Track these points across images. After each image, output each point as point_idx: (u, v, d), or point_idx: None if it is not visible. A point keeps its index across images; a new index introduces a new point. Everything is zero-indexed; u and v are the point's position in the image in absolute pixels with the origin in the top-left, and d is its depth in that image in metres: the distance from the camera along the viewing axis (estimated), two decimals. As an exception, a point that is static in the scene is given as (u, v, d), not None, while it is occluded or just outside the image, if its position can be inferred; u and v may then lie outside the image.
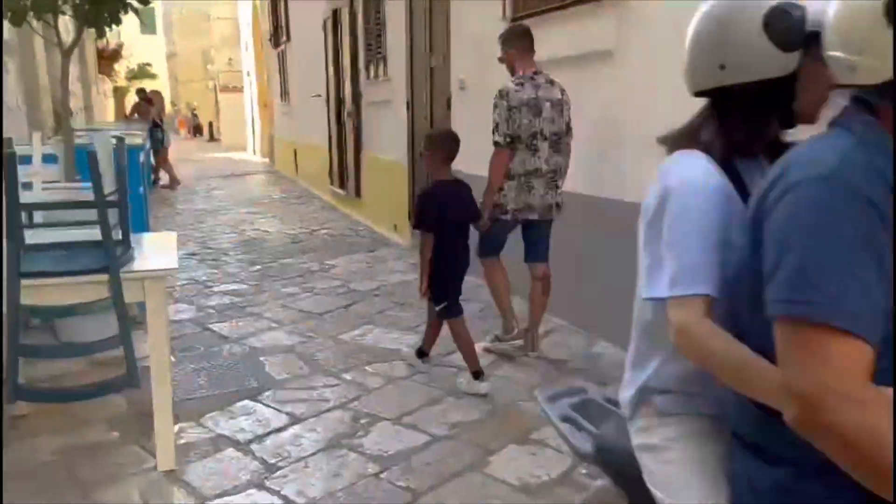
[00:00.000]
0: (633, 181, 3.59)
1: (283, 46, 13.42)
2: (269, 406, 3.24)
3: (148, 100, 12.19)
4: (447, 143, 3.41)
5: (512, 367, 3.66)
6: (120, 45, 13.77)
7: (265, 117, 17.56)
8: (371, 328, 4.31)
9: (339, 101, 9.11)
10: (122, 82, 14.45)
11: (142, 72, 16.32)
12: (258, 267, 6.10)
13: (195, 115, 33.99)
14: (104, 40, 13.27)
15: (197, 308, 4.86)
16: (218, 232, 7.95)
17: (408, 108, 6.57)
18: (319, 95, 10.21)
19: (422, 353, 3.66)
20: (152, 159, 12.30)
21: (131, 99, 15.84)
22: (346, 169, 9.04)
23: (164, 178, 12.61)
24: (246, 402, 3.29)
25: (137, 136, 6.64)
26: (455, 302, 3.42)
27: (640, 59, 3.49)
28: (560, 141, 3.60)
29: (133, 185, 4.57)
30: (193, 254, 6.73)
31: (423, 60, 6.11)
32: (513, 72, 3.66)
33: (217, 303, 4.98)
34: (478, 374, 3.33)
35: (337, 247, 6.94)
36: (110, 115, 13.40)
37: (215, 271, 5.99)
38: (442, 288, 3.38)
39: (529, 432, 2.92)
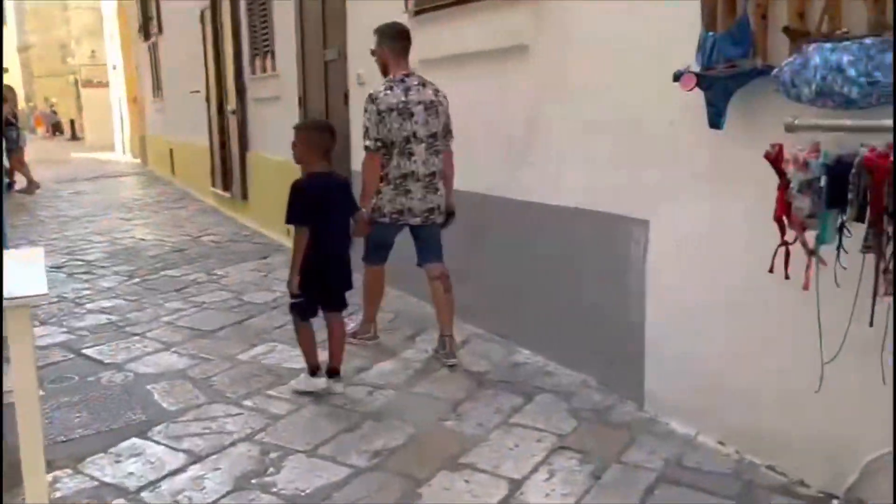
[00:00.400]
0: (552, 182, 3.45)
1: (154, 39, 12.52)
2: (161, 444, 2.83)
3: (-1, 95, 10.97)
4: (320, 134, 3.25)
5: (429, 383, 3.41)
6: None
7: (135, 114, 16.39)
8: (273, 345, 3.94)
9: (222, 98, 8.53)
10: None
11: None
12: (137, 280, 5.54)
13: (54, 113, 31.44)
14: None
15: (67, 330, 4.29)
16: (87, 241, 7.21)
17: (300, 104, 6.18)
18: (198, 91, 9.55)
19: (331, 373, 3.32)
20: (6, 161, 11.13)
21: None
22: (230, 170, 8.48)
23: (20, 181, 11.40)
24: (133, 440, 2.86)
25: None
26: (314, 304, 3.24)
27: (558, 55, 3.34)
28: (436, 143, 3.55)
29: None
30: (59, 267, 6.04)
31: (316, 54, 5.75)
32: (385, 71, 3.63)
33: (91, 323, 4.43)
34: (314, 371, 3.29)
35: (225, 254, 6.45)
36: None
37: (87, 286, 5.37)
38: (307, 287, 3.16)
39: (459, 455, 2.69)
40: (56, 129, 31.05)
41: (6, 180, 11.32)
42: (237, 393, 3.32)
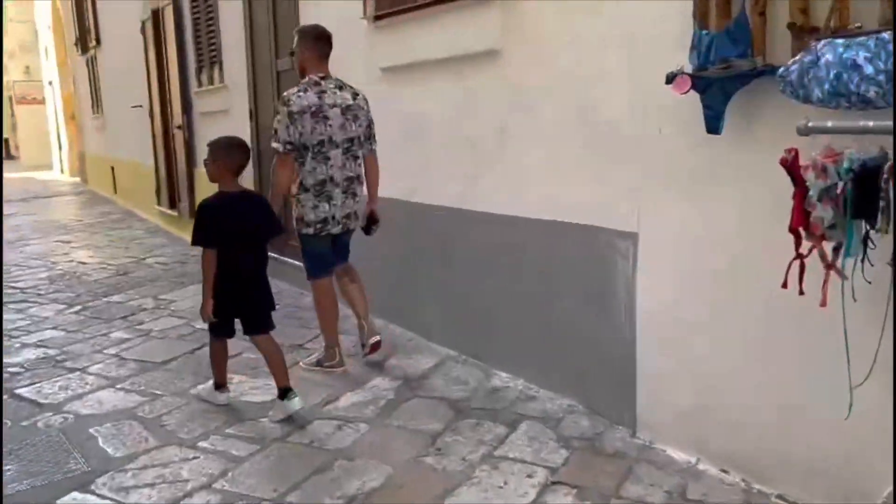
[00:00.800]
0: (526, 193, 3.24)
1: (92, 52, 11.98)
2: (106, 497, 2.51)
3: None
4: (232, 152, 3.11)
5: (404, 414, 3.15)
6: None
7: (73, 131, 15.70)
8: (228, 377, 3.63)
9: (166, 113, 8.14)
10: None
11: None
12: (77, 308, 5.13)
13: (-13, 131, 30.09)
14: None
15: (-1, 367, 3.90)
16: (22, 267, 6.73)
17: (251, 117, 5.87)
18: (140, 106, 9.12)
19: (282, 394, 3.12)
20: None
21: None
22: (176, 187, 8.08)
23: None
24: (74, 494, 2.54)
25: None
26: (228, 323, 3.18)
27: (530, 59, 3.15)
28: (353, 147, 3.51)
29: None
30: (-9, 296, 5.58)
31: (268, 64, 5.46)
32: (303, 73, 3.54)
33: (26, 358, 4.04)
34: (219, 386, 3.30)
35: (173, 277, 6.07)
36: None
37: (21, 317, 4.94)
38: (218, 302, 3.07)
39: (444, 496, 2.45)
40: (-11, 148, 29.74)
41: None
42: (192, 433, 3.01)
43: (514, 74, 3.24)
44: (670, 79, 2.30)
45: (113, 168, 11.67)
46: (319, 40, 3.54)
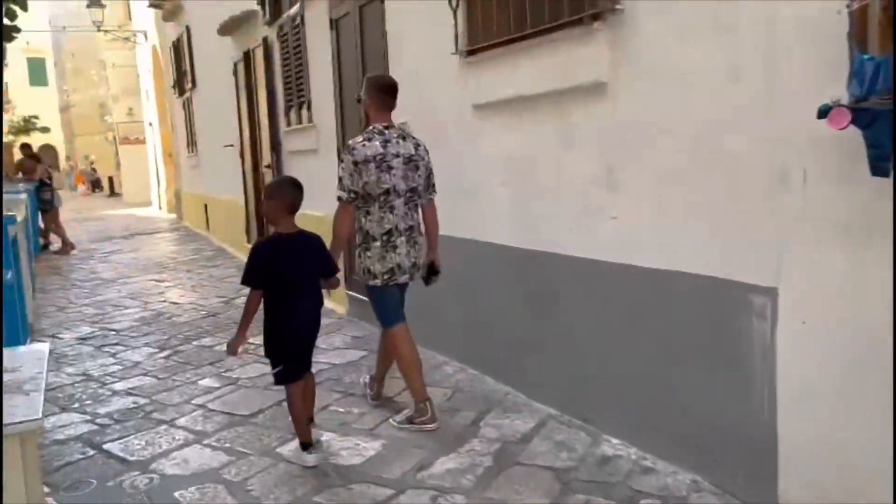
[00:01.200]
0: (639, 240, 2.92)
1: (188, 93, 12.41)
2: (188, 578, 2.33)
3: (34, 156, 10.89)
4: (284, 191, 3.13)
5: (505, 484, 2.86)
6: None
7: (170, 170, 16.33)
8: (317, 435, 3.44)
9: (256, 152, 8.23)
10: (6, 137, 12.90)
11: (27, 125, 14.64)
12: (167, 353, 5.10)
13: (94, 170, 31.95)
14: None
15: (90, 417, 3.84)
16: (118, 307, 6.84)
17: (340, 157, 5.77)
18: (232, 146, 9.29)
19: (304, 445, 3.14)
20: (40, 222, 11.00)
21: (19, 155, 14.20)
22: (266, 226, 8.11)
23: (55, 241, 11.26)
24: (156, 572, 2.37)
25: (16, 203, 5.62)
26: (293, 367, 3.14)
27: (643, 92, 2.85)
28: (415, 197, 3.48)
29: (3, 265, 3.59)
30: (86, 338, 5.65)
31: (355, 103, 5.35)
32: (367, 121, 3.57)
33: (116, 408, 3.98)
34: (306, 446, 3.14)
35: (260, 320, 5.98)
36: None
37: (114, 361, 4.95)
38: (275, 351, 3.13)
39: None
40: (95, 185, 31.50)
41: (41, 241, 11.18)
42: (278, 501, 2.81)
43: (624, 109, 2.95)
44: (824, 112, 1.96)
45: (206, 205, 11.98)
46: (386, 91, 3.54)
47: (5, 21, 3.44)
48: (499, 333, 3.92)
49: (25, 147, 11.30)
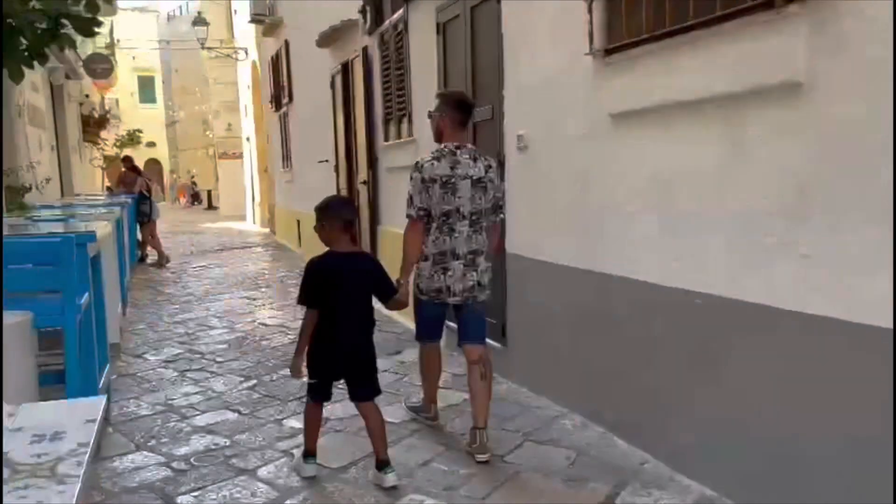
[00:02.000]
0: (846, 284, 2.24)
1: (284, 108, 12.33)
2: None
3: (134, 169, 10.99)
4: (332, 211, 3.08)
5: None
6: (107, 112, 12.67)
7: (265, 184, 16.41)
8: (420, 500, 2.89)
9: (351, 167, 7.87)
10: (111, 150, 13.25)
11: (132, 139, 15.10)
12: (252, 382, 4.69)
13: (194, 184, 33.05)
14: (82, 106, 12.16)
15: (165, 460, 3.43)
16: (206, 326, 6.56)
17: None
18: (326, 161, 9.00)
19: (379, 466, 3.07)
20: (139, 234, 11.07)
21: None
22: (358, 245, 7.72)
23: (152, 253, 11.31)
24: None
25: (108, 216, 5.39)
26: (323, 385, 3.11)
27: (845, 97, 2.19)
28: (482, 220, 3.38)
29: (76, 289, 3.24)
30: (171, 361, 5.34)
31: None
32: (439, 139, 3.49)
33: (194, 449, 3.56)
34: (308, 455, 3.20)
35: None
36: (99, 185, 12.20)
37: (196, 390, 4.58)
38: (310, 365, 3.08)
39: None
40: (195, 199, 32.56)
41: (138, 253, 11.26)
42: None
43: (825, 117, 2.28)
44: None
45: (299, 221, 11.79)
46: (460, 108, 3.46)
47: (87, 14, 3.12)
48: (635, 386, 3.28)
49: (126, 160, 11.44)
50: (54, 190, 8.70)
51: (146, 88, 37.91)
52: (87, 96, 12.38)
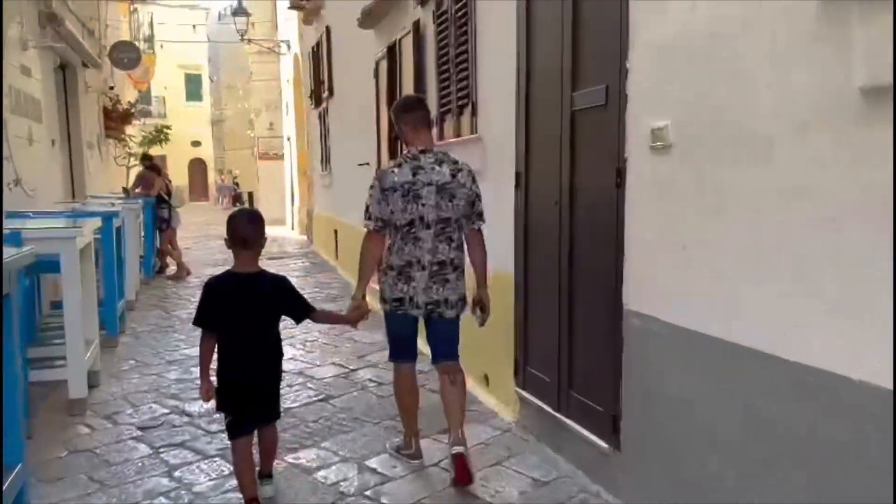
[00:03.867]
0: None
1: (324, 104, 11.02)
2: None
3: (154, 168, 9.79)
4: (235, 225, 2.86)
5: None
6: (132, 105, 11.53)
7: (304, 188, 15.17)
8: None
9: (395, 172, 6.46)
10: (138, 148, 12.15)
11: (158, 135, 13.95)
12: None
13: (236, 185, 32.21)
14: (109, 99, 11.03)
15: None
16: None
17: (518, 185, 3.82)
18: (367, 164, 7.64)
19: (262, 476, 3.05)
20: (157, 242, 9.86)
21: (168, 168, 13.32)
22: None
23: (172, 264, 10.10)
24: None
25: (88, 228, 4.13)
26: (240, 420, 2.84)
27: None
28: (448, 229, 3.19)
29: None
30: (148, 426, 4.00)
31: (554, 102, 3.37)
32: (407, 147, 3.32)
33: None
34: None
35: (388, 418, 4.09)
36: (120, 184, 11.06)
37: (167, 486, 3.21)
38: (222, 398, 2.84)
39: None
40: (236, 199, 31.64)
41: (156, 263, 10.07)
42: None
43: None
44: None
45: (336, 231, 10.46)
46: (410, 109, 3.32)
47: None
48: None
49: (146, 158, 10.26)
50: (54, 191, 7.50)
51: (192, 86, 37.38)
52: (111, 88, 11.25)
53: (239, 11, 15.53)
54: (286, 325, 3.00)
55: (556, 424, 3.43)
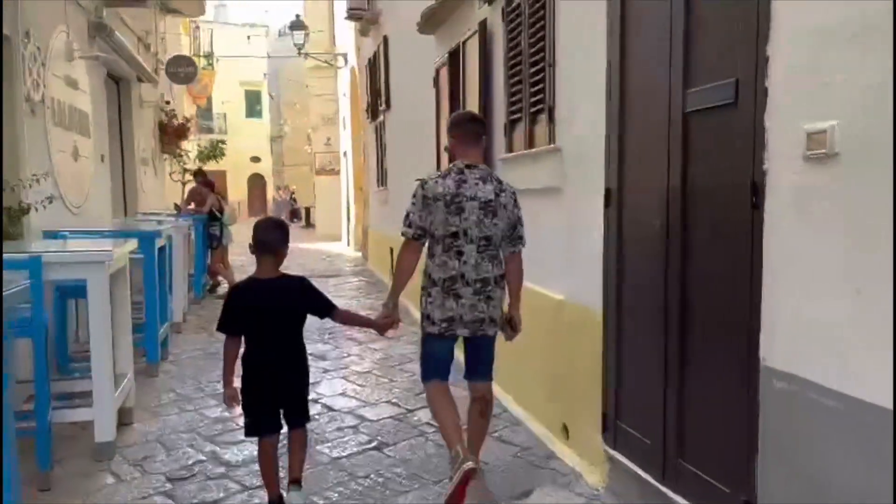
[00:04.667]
0: None
1: (381, 117, 10.59)
2: None
3: (207, 184, 9.49)
4: (259, 233, 2.95)
5: None
6: (188, 120, 11.32)
7: (360, 204, 14.79)
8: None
9: (457, 188, 5.90)
10: (193, 163, 11.93)
11: (213, 150, 13.71)
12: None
13: (294, 200, 32.29)
14: (164, 113, 10.82)
15: None
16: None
17: (609, 204, 3.21)
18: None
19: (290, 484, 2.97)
20: (209, 260, 9.54)
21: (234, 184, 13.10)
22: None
23: (224, 283, 9.76)
24: None
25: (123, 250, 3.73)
26: (262, 419, 2.92)
27: None
28: (490, 247, 3.12)
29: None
30: (179, 479, 3.50)
31: (659, 102, 2.75)
32: (452, 160, 3.30)
33: None
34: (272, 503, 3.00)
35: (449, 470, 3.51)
36: (175, 201, 10.82)
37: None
38: (246, 401, 2.90)
39: None
40: (294, 215, 31.73)
41: (206, 282, 9.74)
42: None
43: None
44: None
45: (392, 249, 9.95)
46: (463, 123, 3.32)
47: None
48: None
49: (199, 173, 9.97)
50: (103, 208, 7.21)
51: (253, 102, 37.81)
52: (167, 102, 11.06)
53: (296, 25, 15.32)
54: (339, 352, 2.46)
55: (661, 499, 2.78)
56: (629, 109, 3.04)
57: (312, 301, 2.99)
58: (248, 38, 33.61)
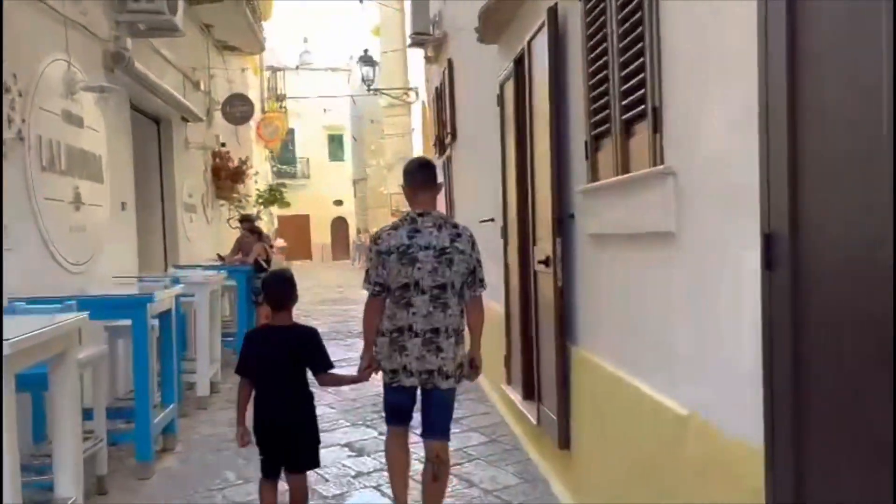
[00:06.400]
0: None
1: (448, 151, 9.46)
2: None
3: (254, 231, 8.55)
4: (268, 287, 3.27)
5: None
6: (244, 161, 10.50)
7: (433, 247, 13.66)
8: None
9: (527, 232, 4.61)
10: (253, 209, 11.13)
11: (273, 195, 12.82)
12: None
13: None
14: (218, 157, 10.00)
15: None
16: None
17: (772, 258, 1.81)
18: (492, 220, 5.86)
19: None
20: (254, 319, 8.54)
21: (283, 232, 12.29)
22: (537, 365, 4.39)
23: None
24: None
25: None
26: (268, 461, 3.08)
27: None
28: (445, 295, 3.12)
29: None
30: None
31: (870, 98, 1.36)
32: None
33: None
34: None
35: None
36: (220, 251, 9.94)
37: None
38: (257, 438, 3.08)
39: None
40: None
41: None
42: None
43: None
44: None
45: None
46: (415, 172, 3.33)
47: None
48: None
49: (245, 219, 9.06)
50: (123, 262, 6.31)
51: (335, 146, 37.87)
52: (223, 145, 10.30)
53: (365, 60, 14.57)
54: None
55: None
56: (804, 113, 1.67)
57: (311, 354, 3.12)
58: (329, 81, 33.66)
